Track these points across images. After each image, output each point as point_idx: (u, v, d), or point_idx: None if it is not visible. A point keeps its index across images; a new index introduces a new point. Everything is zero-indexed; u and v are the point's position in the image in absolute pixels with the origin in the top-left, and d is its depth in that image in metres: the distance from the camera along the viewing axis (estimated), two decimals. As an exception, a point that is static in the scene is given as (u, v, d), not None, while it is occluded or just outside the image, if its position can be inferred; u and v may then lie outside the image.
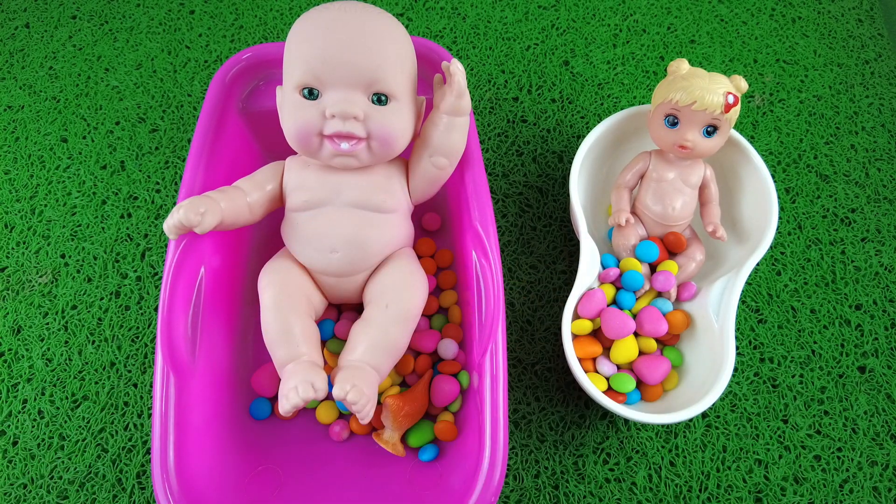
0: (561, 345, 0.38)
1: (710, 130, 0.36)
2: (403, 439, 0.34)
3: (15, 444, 0.36)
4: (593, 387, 0.33)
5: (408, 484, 0.32)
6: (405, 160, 0.36)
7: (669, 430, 0.37)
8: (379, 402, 0.35)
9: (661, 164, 0.38)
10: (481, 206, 0.34)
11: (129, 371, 0.38)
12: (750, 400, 0.38)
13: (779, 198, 0.40)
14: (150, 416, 0.36)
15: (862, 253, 0.43)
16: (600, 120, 0.46)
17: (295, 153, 0.34)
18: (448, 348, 0.36)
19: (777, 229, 0.41)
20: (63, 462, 0.35)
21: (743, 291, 0.41)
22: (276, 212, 0.35)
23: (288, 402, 0.30)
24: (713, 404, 0.38)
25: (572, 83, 0.49)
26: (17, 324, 0.39)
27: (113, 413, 0.37)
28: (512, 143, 0.46)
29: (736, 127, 0.47)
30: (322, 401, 0.35)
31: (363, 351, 0.32)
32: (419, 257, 0.40)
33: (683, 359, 0.37)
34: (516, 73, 0.49)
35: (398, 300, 0.32)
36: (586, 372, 0.35)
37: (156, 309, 0.40)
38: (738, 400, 0.38)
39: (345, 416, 0.35)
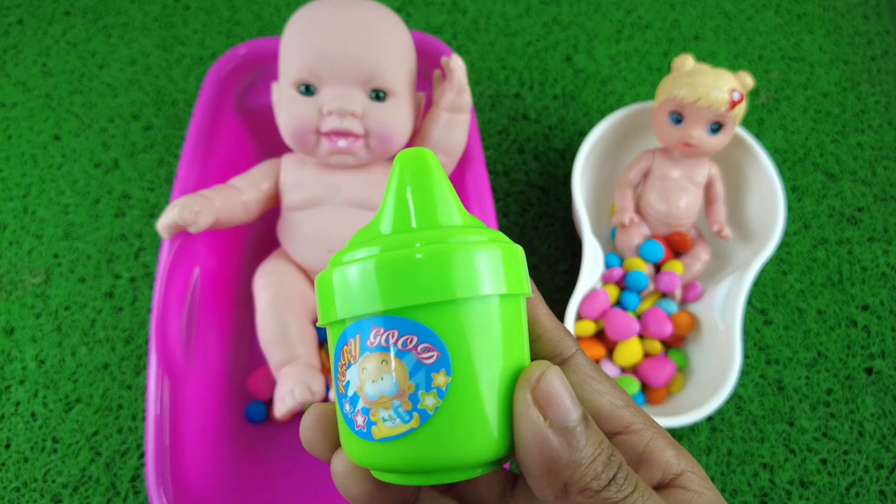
0: (563, 346, 0.38)
1: (715, 128, 0.35)
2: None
3: (8, 446, 0.35)
4: (596, 390, 0.32)
5: (407, 489, 0.32)
6: (404, 158, 0.35)
7: (674, 433, 0.37)
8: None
9: (666, 161, 0.37)
10: (482, 205, 0.33)
11: (124, 373, 0.37)
12: (755, 402, 0.38)
13: (785, 197, 0.39)
14: (144, 419, 0.36)
15: (869, 253, 0.42)
16: (603, 117, 0.46)
17: (291, 151, 0.34)
18: (448, 350, 0.35)
19: (783, 229, 0.41)
20: (56, 465, 0.35)
21: (748, 292, 0.40)
22: (271, 211, 0.35)
23: (284, 405, 0.29)
24: (718, 407, 0.37)
25: (575, 79, 0.48)
26: (10, 325, 0.39)
27: (107, 416, 0.36)
28: (513, 141, 0.46)
29: (741, 124, 0.46)
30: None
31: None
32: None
33: (688, 361, 0.36)
34: (518, 69, 0.49)
35: (397, 301, 0.32)
36: (589, 374, 0.34)
37: (150, 310, 0.39)
38: (743, 402, 0.38)
39: (343, 419, 0.35)
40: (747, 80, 0.35)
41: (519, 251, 0.14)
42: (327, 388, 0.32)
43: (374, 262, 0.13)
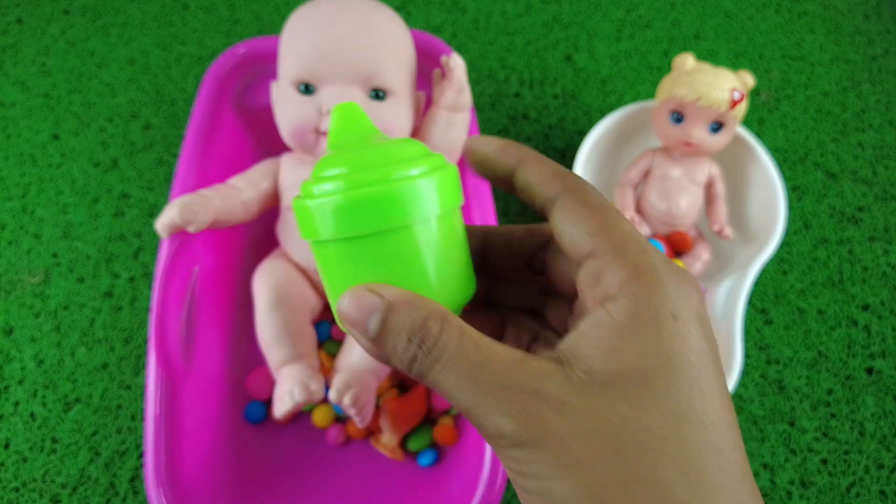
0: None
1: (716, 127, 0.35)
2: (402, 443, 0.34)
3: (7, 447, 0.35)
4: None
5: (406, 489, 0.32)
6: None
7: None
8: (377, 406, 0.34)
9: (666, 161, 0.37)
10: (482, 205, 0.33)
11: (122, 373, 0.37)
12: (756, 402, 0.37)
13: (786, 196, 0.39)
14: (143, 419, 0.36)
15: (870, 252, 0.42)
16: (603, 116, 0.45)
17: (291, 150, 0.34)
18: (448, 350, 0.35)
19: (784, 228, 0.41)
20: (55, 465, 0.35)
21: (749, 292, 0.40)
22: (271, 211, 0.35)
23: (283, 405, 0.29)
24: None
25: (575, 79, 0.48)
26: (9, 325, 0.39)
27: (106, 416, 0.36)
28: (513, 140, 0.46)
29: (742, 123, 0.46)
30: (318, 404, 0.34)
31: (361, 353, 0.31)
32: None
33: (688, 361, 0.36)
34: (518, 68, 0.48)
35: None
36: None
37: (149, 310, 0.39)
38: (743, 402, 0.37)
39: (342, 419, 0.35)
40: (748, 80, 0.35)
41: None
42: (326, 388, 0.32)
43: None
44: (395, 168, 0.16)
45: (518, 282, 0.19)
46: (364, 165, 0.16)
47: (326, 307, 0.37)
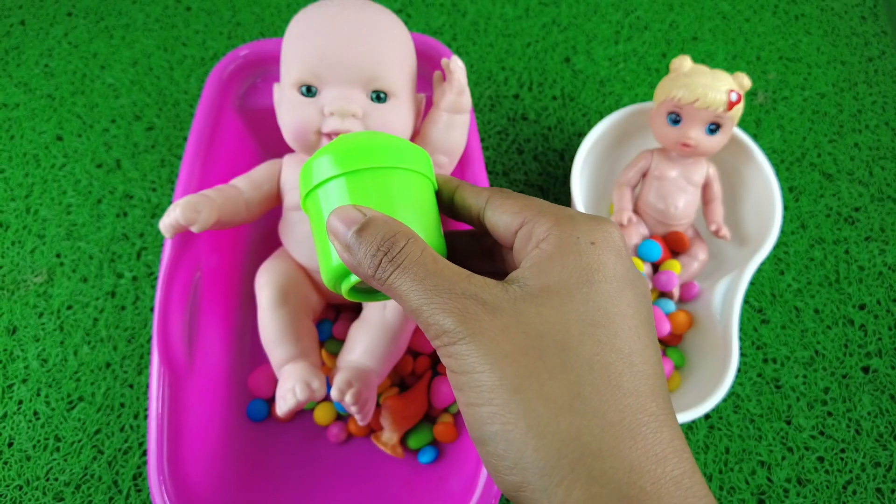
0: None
1: (713, 128, 0.36)
2: (402, 441, 0.34)
3: (10, 445, 0.36)
4: (595, 388, 0.32)
5: (407, 486, 0.32)
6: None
7: (671, 431, 0.37)
8: (378, 404, 0.34)
9: (664, 162, 0.38)
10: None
11: (125, 372, 0.37)
12: (753, 401, 0.38)
13: (782, 197, 0.39)
14: (146, 417, 0.36)
15: (866, 252, 0.43)
16: (602, 117, 0.46)
17: (293, 151, 0.34)
18: (448, 349, 0.35)
19: (780, 228, 0.41)
20: (59, 464, 0.35)
21: (746, 291, 0.41)
22: (273, 211, 0.35)
23: (285, 403, 0.29)
24: (716, 405, 0.37)
25: (574, 80, 0.48)
26: (13, 324, 0.39)
27: (109, 414, 0.36)
28: (513, 141, 0.46)
29: (739, 125, 0.47)
30: (320, 402, 0.35)
31: (362, 352, 0.31)
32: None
33: (686, 359, 0.36)
34: (517, 69, 0.49)
35: (397, 300, 0.32)
36: (588, 373, 0.35)
37: (152, 309, 0.39)
38: (740, 401, 0.38)
39: (343, 417, 0.35)
40: (744, 81, 0.35)
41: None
42: (328, 386, 0.33)
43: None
44: (376, 135, 0.20)
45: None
46: (350, 137, 0.20)
47: (328, 306, 0.37)
